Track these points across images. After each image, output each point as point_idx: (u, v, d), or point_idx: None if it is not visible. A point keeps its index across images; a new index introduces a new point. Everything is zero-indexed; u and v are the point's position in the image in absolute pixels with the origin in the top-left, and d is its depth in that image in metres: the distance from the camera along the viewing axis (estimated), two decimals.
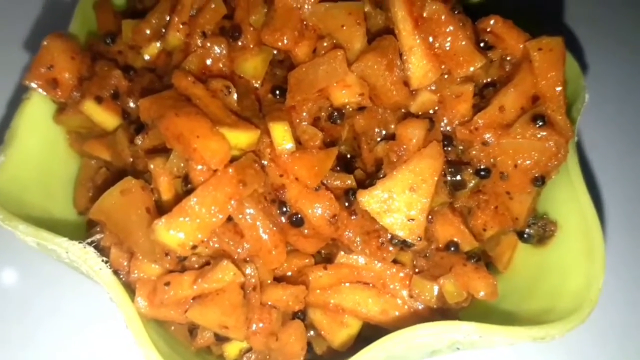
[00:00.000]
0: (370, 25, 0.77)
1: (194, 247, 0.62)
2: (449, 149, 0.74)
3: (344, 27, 0.73)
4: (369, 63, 0.70)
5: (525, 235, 0.79)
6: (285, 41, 0.72)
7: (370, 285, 0.74)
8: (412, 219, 0.68)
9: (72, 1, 0.89)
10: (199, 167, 0.63)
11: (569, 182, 0.76)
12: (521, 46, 0.76)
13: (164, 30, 0.80)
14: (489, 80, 0.77)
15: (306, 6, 0.73)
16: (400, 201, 0.68)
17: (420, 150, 0.70)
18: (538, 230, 0.79)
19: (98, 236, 0.69)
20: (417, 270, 0.74)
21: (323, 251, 0.76)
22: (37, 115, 0.81)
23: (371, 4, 0.79)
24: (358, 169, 0.77)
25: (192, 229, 0.61)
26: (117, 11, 0.91)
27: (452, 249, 0.74)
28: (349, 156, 0.79)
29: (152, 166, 0.68)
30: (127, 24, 0.82)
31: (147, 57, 0.82)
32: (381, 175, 0.71)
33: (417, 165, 0.69)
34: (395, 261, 0.74)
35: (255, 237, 0.67)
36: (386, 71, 0.71)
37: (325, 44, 0.72)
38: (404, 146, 0.70)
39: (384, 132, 0.77)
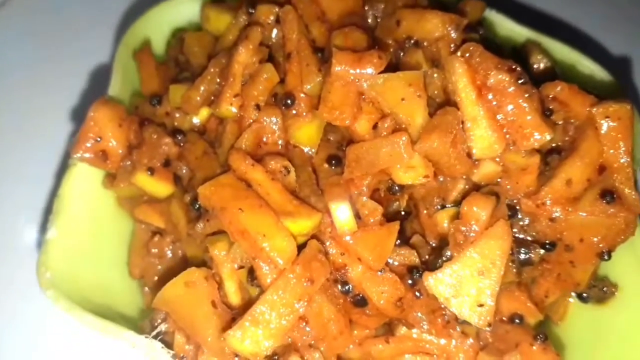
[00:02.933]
0: (428, 89, 0.75)
1: (268, 356, 0.62)
2: (514, 220, 0.72)
3: (404, 101, 0.70)
4: (434, 144, 0.67)
5: (584, 296, 0.78)
6: (345, 119, 0.70)
7: (434, 357, 0.73)
8: (482, 305, 0.66)
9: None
10: (266, 267, 0.62)
11: (631, 244, 0.74)
12: (587, 109, 0.73)
13: (213, 98, 0.77)
14: (552, 145, 0.74)
15: (364, 81, 0.70)
16: (469, 286, 0.67)
17: (488, 230, 0.68)
18: (598, 292, 0.78)
19: (163, 326, 0.68)
20: (481, 342, 0.73)
21: None
22: (84, 181, 0.80)
23: (427, 63, 0.77)
24: (416, 233, 0.76)
25: (265, 336, 0.61)
26: (158, 62, 0.88)
27: (517, 321, 0.73)
28: (403, 212, 0.78)
29: (215, 252, 0.67)
30: (175, 89, 0.79)
31: (196, 121, 0.79)
32: (447, 255, 0.69)
33: (485, 247, 0.67)
34: None
35: (321, 323, 0.67)
36: (450, 148, 0.69)
37: (386, 124, 0.69)
38: (471, 226, 0.69)
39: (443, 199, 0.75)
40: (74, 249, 0.76)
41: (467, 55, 0.71)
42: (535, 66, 0.89)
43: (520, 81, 0.70)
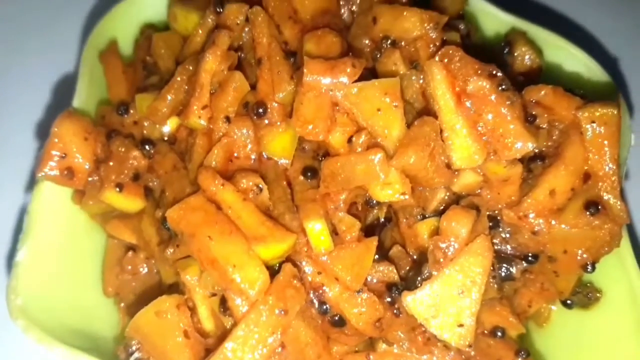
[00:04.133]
0: (406, 92, 0.71)
1: None
2: (496, 232, 0.70)
3: (380, 112, 0.66)
4: (410, 159, 0.64)
5: (568, 303, 0.77)
6: (319, 134, 0.66)
7: None
8: (462, 325, 0.65)
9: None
10: (237, 299, 0.59)
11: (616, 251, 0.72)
12: (572, 113, 0.70)
13: (182, 107, 0.74)
14: (536, 151, 0.71)
15: (338, 91, 0.66)
16: (449, 306, 0.65)
17: (468, 247, 0.66)
18: (582, 298, 0.77)
19: (137, 354, 0.66)
20: (463, 356, 0.72)
21: None
22: (54, 196, 0.76)
23: (405, 64, 0.73)
24: (396, 244, 0.73)
25: None
26: (126, 64, 0.84)
27: (499, 334, 0.71)
28: (382, 220, 0.76)
29: (187, 277, 0.65)
30: (141, 99, 0.75)
31: (166, 129, 0.76)
32: (426, 273, 0.67)
33: (465, 265, 0.65)
34: None
35: (298, 349, 0.65)
36: (428, 162, 0.66)
37: (361, 140, 0.66)
38: (450, 242, 0.66)
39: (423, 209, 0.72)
40: (46, 269, 0.74)
41: (446, 60, 0.67)
42: (519, 59, 0.85)
43: (501, 88, 0.66)
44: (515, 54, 0.85)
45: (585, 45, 0.89)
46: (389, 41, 0.74)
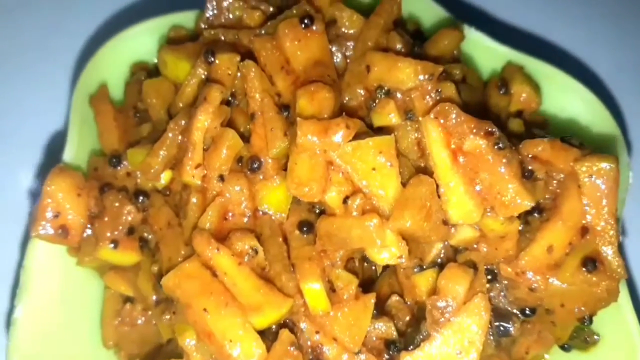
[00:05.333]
0: (401, 142, 0.71)
1: None
2: (493, 285, 0.70)
3: (375, 171, 0.66)
4: (407, 223, 0.64)
5: (566, 346, 0.77)
6: (314, 196, 0.66)
7: None
8: None
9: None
10: None
11: None
12: (570, 165, 0.69)
13: (175, 161, 0.73)
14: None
15: (332, 152, 0.65)
16: None
17: (466, 306, 0.65)
18: (579, 342, 0.77)
19: None
20: None
21: None
22: (49, 248, 0.76)
23: (400, 114, 0.72)
24: (395, 293, 0.73)
25: None
26: (117, 109, 0.83)
27: None
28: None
29: (185, 342, 0.65)
30: (133, 154, 0.74)
31: (160, 183, 0.75)
32: (424, 333, 0.67)
33: (462, 325, 0.65)
34: None
35: None
36: (425, 222, 0.65)
37: (356, 203, 0.65)
38: (448, 301, 0.66)
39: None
40: (44, 324, 0.74)
41: (442, 117, 0.66)
42: (516, 97, 0.84)
43: (497, 147, 0.65)
44: (512, 91, 0.84)
45: (582, 76, 0.88)
46: (384, 91, 0.73)
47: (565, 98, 0.87)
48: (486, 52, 0.89)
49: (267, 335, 0.66)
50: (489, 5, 1.09)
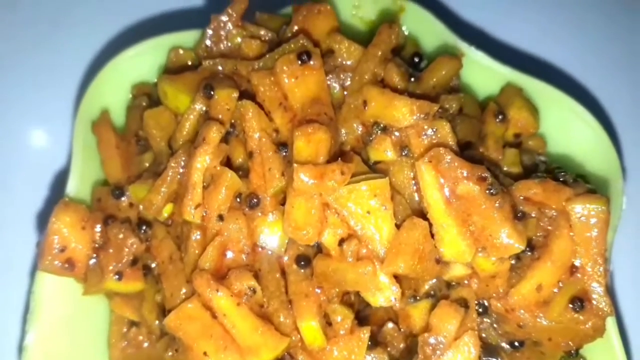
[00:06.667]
0: (397, 177, 0.72)
1: None
2: (484, 319, 0.73)
3: (370, 214, 0.68)
4: (400, 267, 0.66)
5: None
6: (310, 240, 0.68)
7: None
8: None
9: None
10: None
11: None
12: (562, 204, 0.71)
13: (176, 195, 0.75)
14: None
15: (328, 195, 0.67)
16: None
17: (456, 343, 0.68)
18: None
19: None
20: None
21: None
22: (57, 278, 0.79)
23: (396, 150, 0.73)
24: (390, 320, 0.76)
25: None
26: (119, 137, 0.84)
27: None
28: None
29: None
30: (135, 189, 0.76)
31: (162, 216, 0.77)
32: None
33: None
34: None
35: None
36: (418, 265, 0.68)
37: (351, 249, 0.67)
38: (439, 338, 0.69)
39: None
40: (55, 350, 0.77)
41: (436, 161, 0.68)
42: (513, 121, 0.85)
43: (489, 192, 0.67)
44: (510, 116, 0.85)
45: (581, 97, 0.88)
46: (380, 127, 0.74)
47: (565, 119, 0.87)
48: (486, 72, 0.89)
49: None
50: (490, 24, 1.08)
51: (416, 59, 0.86)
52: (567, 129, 0.87)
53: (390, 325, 0.76)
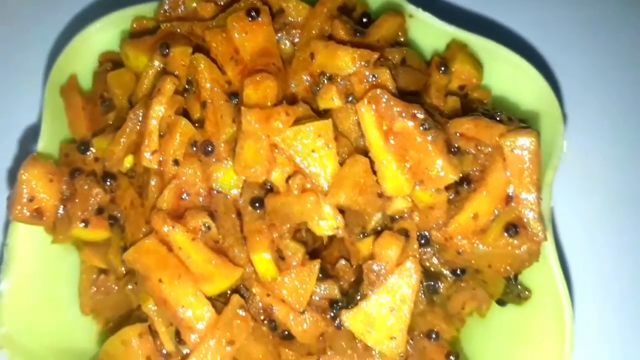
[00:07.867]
0: (343, 123, 0.77)
1: None
2: (426, 249, 0.77)
3: (314, 153, 0.73)
4: (341, 198, 0.71)
5: (500, 302, 0.85)
6: (259, 177, 0.73)
7: None
8: (394, 338, 0.73)
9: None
10: (187, 333, 0.68)
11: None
12: (495, 139, 0.76)
13: (136, 147, 0.80)
14: (462, 175, 0.77)
15: (275, 135, 0.72)
16: (381, 322, 0.73)
17: (398, 269, 0.73)
18: (513, 298, 0.84)
19: None
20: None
21: None
22: (28, 230, 0.84)
23: (341, 97, 0.78)
24: (342, 257, 0.81)
25: None
26: (86, 98, 0.89)
27: (433, 337, 0.80)
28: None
29: (148, 307, 0.73)
30: (98, 141, 0.81)
31: (124, 167, 0.82)
32: (362, 293, 0.75)
33: (394, 286, 0.73)
34: None
35: None
36: (359, 197, 0.73)
37: (296, 184, 0.72)
38: (382, 265, 0.74)
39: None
40: (27, 297, 0.82)
41: (374, 102, 0.73)
42: (456, 75, 0.90)
43: (423, 127, 0.72)
44: (454, 69, 0.90)
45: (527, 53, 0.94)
46: (326, 77, 0.79)
47: (508, 72, 0.92)
48: (433, 32, 0.94)
49: (223, 301, 0.75)
50: None
51: (364, 19, 0.91)
52: (509, 80, 0.92)
53: (342, 262, 0.81)
